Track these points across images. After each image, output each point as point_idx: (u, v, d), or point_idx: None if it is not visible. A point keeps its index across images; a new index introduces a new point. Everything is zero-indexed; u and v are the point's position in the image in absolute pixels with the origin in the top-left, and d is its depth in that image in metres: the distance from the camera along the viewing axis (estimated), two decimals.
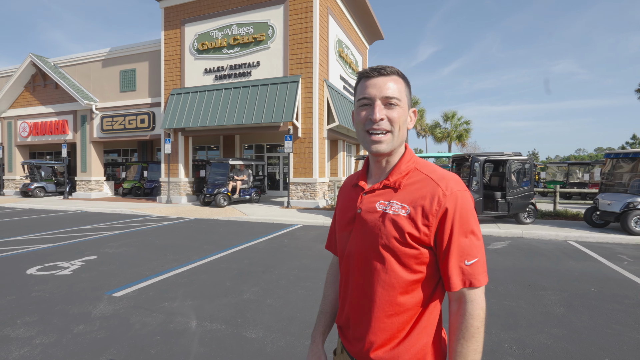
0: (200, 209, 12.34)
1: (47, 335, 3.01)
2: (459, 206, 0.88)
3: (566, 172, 17.76)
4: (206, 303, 3.76)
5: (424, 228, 0.89)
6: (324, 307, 1.19)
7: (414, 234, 0.89)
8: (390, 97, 0.92)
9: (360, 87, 0.97)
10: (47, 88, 18.06)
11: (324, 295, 1.21)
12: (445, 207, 0.88)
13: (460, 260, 0.88)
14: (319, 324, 1.17)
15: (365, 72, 0.96)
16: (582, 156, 49.40)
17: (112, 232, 8.04)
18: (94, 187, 17.35)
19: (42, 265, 5.22)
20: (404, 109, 0.95)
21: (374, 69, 0.95)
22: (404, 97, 0.95)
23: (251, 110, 12.82)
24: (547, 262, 5.56)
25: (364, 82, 0.96)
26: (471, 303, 0.88)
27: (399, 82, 0.95)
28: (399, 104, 0.94)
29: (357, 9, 16.82)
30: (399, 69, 0.96)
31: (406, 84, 0.97)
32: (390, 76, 0.94)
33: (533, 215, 8.85)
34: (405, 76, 0.98)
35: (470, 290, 0.88)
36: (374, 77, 0.95)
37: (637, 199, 7.32)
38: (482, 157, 8.76)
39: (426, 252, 0.91)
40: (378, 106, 0.93)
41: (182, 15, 14.54)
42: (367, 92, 0.94)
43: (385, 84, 0.93)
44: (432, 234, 0.89)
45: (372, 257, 0.94)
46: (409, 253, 0.90)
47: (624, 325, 3.26)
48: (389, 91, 0.92)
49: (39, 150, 24.42)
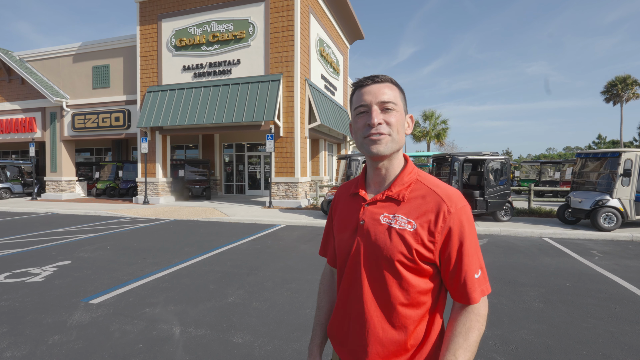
0: (179, 209, 12.04)
1: (19, 348, 2.84)
2: (465, 223, 0.90)
3: (539, 170, 18.48)
4: (190, 308, 3.66)
5: (430, 244, 0.89)
6: (319, 318, 1.17)
7: (421, 250, 0.89)
8: (386, 102, 0.93)
9: (356, 97, 0.97)
10: (12, 83, 17.09)
11: (318, 307, 1.19)
12: (450, 224, 0.89)
13: (473, 274, 0.90)
14: (315, 337, 1.15)
15: (360, 82, 0.98)
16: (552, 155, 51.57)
17: (87, 235, 7.71)
18: (65, 188, 16.59)
19: (11, 272, 4.93)
20: (400, 113, 0.95)
21: (368, 77, 0.97)
22: (400, 101, 0.96)
23: (231, 109, 12.61)
24: (524, 258, 5.76)
25: (359, 90, 0.97)
26: (478, 306, 0.90)
27: (393, 89, 0.96)
28: (396, 108, 0.94)
29: (338, 8, 16.85)
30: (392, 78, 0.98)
31: (400, 91, 0.98)
32: (384, 83, 0.95)
33: (510, 213, 9.14)
34: (399, 84, 0.99)
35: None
36: (368, 85, 0.96)
37: (606, 197, 7.69)
38: (462, 156, 8.97)
39: (429, 267, 0.92)
40: (375, 111, 0.93)
41: (158, 10, 14.10)
42: (363, 99, 0.94)
43: (380, 90, 0.94)
44: (437, 250, 0.90)
45: (376, 271, 0.93)
46: (414, 268, 0.90)
47: (598, 318, 3.41)
48: (384, 96, 0.93)
49: (3, 149, 23.12)
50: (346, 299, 1.00)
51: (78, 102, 16.01)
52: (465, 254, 0.89)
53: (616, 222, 7.61)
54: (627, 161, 7.60)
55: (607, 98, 35.81)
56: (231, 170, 18.40)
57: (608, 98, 35.71)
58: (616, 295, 4.05)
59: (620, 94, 34.39)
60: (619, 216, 7.59)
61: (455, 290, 0.91)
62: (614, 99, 35.24)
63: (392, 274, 0.91)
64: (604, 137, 44.95)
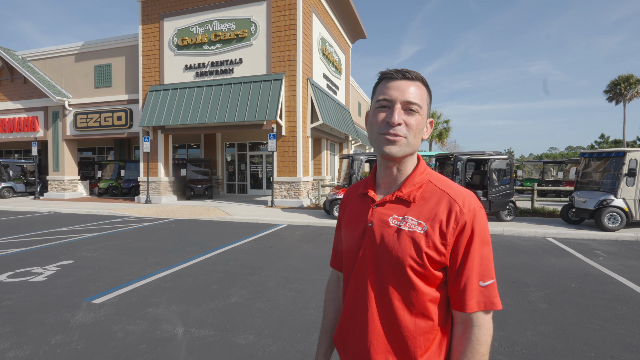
0: (181, 209, 12.03)
1: (22, 348, 2.83)
2: (477, 224, 0.85)
3: (541, 170, 18.40)
4: (192, 308, 3.64)
5: (442, 247, 0.85)
6: (325, 327, 1.13)
7: (432, 254, 0.84)
8: (412, 102, 0.87)
9: (381, 88, 0.91)
10: (14, 83, 17.12)
11: (324, 314, 1.15)
12: (462, 224, 0.84)
13: (477, 280, 0.83)
14: (321, 345, 1.12)
15: (389, 73, 0.90)
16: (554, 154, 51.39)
17: (89, 235, 7.71)
18: (68, 187, 16.61)
19: (13, 272, 4.93)
20: (422, 117, 0.90)
21: (398, 70, 0.90)
22: (425, 104, 0.90)
23: (234, 108, 12.59)
24: (528, 258, 5.72)
25: (386, 83, 0.90)
26: (479, 328, 0.83)
27: (421, 89, 0.90)
28: (419, 111, 0.88)
29: (340, 7, 16.81)
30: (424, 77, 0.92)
31: (428, 93, 0.92)
32: (414, 81, 0.89)
33: (513, 212, 9.10)
34: (429, 85, 0.93)
35: (479, 313, 0.83)
36: (397, 79, 0.89)
37: (610, 197, 7.64)
38: (465, 156, 8.92)
39: (441, 274, 0.87)
40: (397, 109, 0.87)
41: (160, 9, 14.09)
42: (389, 93, 0.88)
43: (407, 88, 0.88)
44: (449, 253, 0.85)
45: (384, 276, 0.89)
46: (424, 273, 0.85)
47: (605, 320, 3.38)
48: (410, 96, 0.87)
49: (6, 148, 23.18)
50: (352, 306, 0.96)
51: (80, 102, 16.03)
52: (471, 257, 0.83)
53: (621, 222, 7.55)
54: (632, 161, 7.54)
55: (610, 97, 35.60)
56: (233, 170, 18.39)
57: (611, 97, 35.50)
58: (622, 296, 4.02)
59: (623, 93, 34.18)
60: (623, 216, 7.53)
61: (454, 297, 0.85)
62: (617, 98, 35.03)
63: (400, 279, 0.87)
64: (606, 136, 44.74)
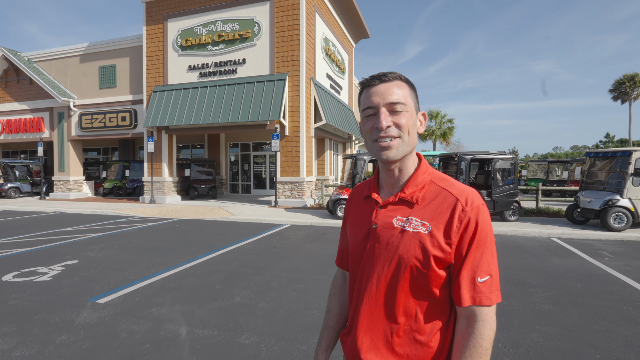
0: (185, 209, 12.08)
1: (27, 347, 2.85)
2: (480, 221, 0.85)
3: (546, 170, 18.26)
4: (196, 308, 3.65)
5: (446, 246, 0.85)
6: (328, 322, 1.14)
7: (436, 254, 0.85)
8: (395, 103, 0.88)
9: (364, 97, 0.93)
10: (20, 84, 17.28)
11: (327, 309, 1.16)
12: (466, 222, 0.85)
13: (473, 275, 0.84)
14: (322, 340, 1.12)
15: (367, 81, 0.92)
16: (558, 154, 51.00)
17: (94, 235, 7.76)
18: (73, 187, 16.74)
19: (19, 271, 4.97)
20: (411, 113, 0.90)
21: (375, 76, 0.91)
22: (410, 101, 0.90)
23: (237, 108, 12.62)
24: (533, 259, 5.68)
25: (367, 91, 0.92)
26: (482, 322, 0.83)
27: (402, 87, 0.90)
28: (405, 108, 0.89)
29: (344, 6, 16.79)
30: (402, 74, 0.92)
31: (411, 88, 0.93)
32: (392, 82, 0.90)
33: (517, 212, 9.04)
34: (409, 80, 0.94)
35: (482, 308, 0.83)
36: (375, 84, 0.90)
37: (616, 197, 7.57)
38: (469, 156, 8.88)
39: (445, 273, 0.87)
40: (383, 113, 0.88)
41: (164, 10, 14.16)
42: (371, 100, 0.89)
43: (388, 90, 0.88)
44: (454, 251, 0.85)
45: (389, 277, 0.89)
46: (428, 274, 0.86)
47: (611, 321, 3.35)
48: (393, 97, 0.88)
49: (12, 148, 23.38)
50: (357, 305, 0.97)
51: (85, 102, 16.14)
52: (474, 253, 0.84)
53: (626, 223, 7.48)
54: (638, 160, 7.47)
55: (615, 96, 35.31)
56: (237, 170, 18.44)
57: (616, 96, 35.21)
58: (628, 297, 3.98)
59: (628, 92, 33.89)
60: (629, 216, 7.46)
61: (456, 292, 0.86)
62: (622, 97, 34.74)
63: (405, 279, 0.87)
64: (612, 135, 44.36)
